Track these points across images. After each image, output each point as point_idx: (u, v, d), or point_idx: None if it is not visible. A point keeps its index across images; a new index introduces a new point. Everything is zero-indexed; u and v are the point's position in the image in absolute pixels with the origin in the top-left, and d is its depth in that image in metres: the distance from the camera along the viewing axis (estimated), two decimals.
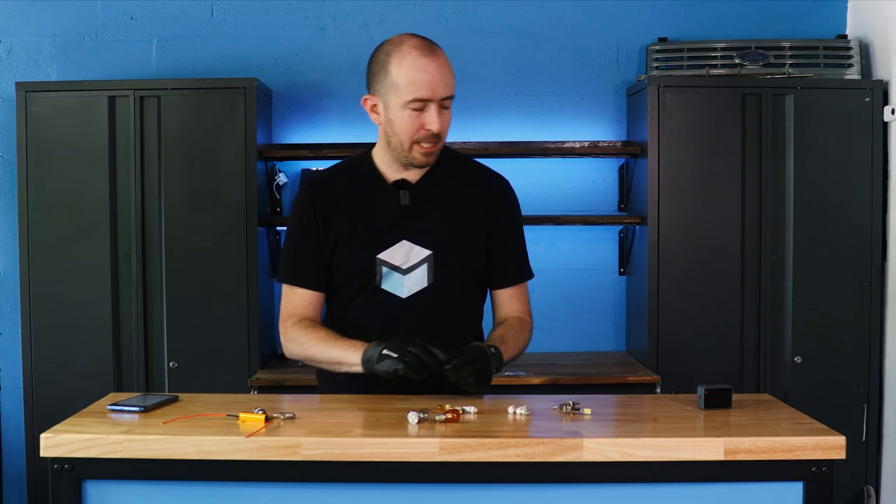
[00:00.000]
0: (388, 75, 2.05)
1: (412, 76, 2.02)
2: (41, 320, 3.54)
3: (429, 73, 2.02)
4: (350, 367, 2.04)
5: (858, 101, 3.55)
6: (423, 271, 2.12)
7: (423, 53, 2.03)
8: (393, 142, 2.11)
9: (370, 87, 2.12)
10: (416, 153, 2.09)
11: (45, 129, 3.52)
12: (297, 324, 2.16)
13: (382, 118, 2.11)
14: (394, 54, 2.05)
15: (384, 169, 2.18)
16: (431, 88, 2.03)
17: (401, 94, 2.04)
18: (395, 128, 2.08)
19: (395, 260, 2.12)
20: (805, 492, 1.69)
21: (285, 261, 2.22)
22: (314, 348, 2.11)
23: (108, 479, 1.70)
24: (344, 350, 2.06)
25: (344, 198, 2.16)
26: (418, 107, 2.04)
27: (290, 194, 3.88)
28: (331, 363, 2.09)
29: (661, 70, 3.73)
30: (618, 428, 1.82)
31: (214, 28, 3.90)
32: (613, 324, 3.97)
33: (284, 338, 2.18)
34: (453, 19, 3.92)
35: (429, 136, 2.07)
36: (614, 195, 3.94)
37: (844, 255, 3.57)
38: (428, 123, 2.05)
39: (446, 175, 2.19)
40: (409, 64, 2.02)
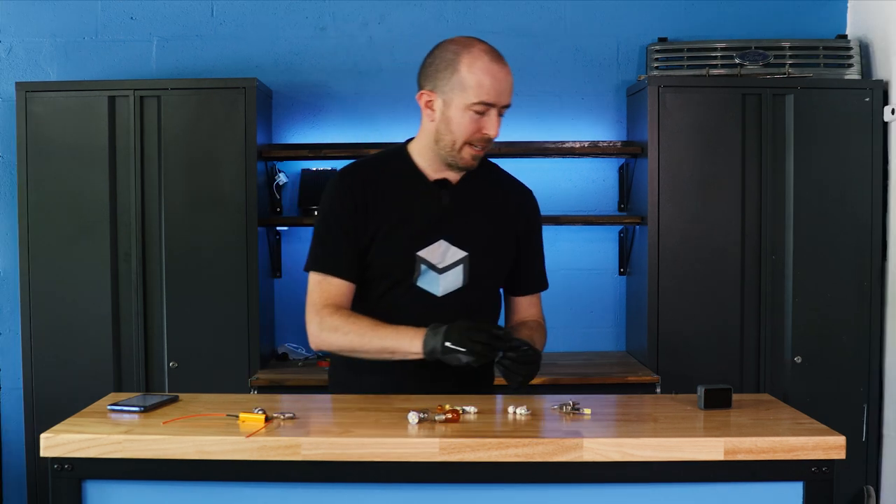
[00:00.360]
0: (455, 74, 2.05)
1: (482, 79, 2.04)
2: (41, 320, 3.54)
3: (498, 79, 2.05)
4: (406, 355, 2.01)
5: (858, 101, 3.55)
6: (459, 272, 2.14)
7: (493, 59, 2.06)
8: (444, 140, 2.10)
9: (428, 83, 2.10)
10: (466, 154, 2.10)
11: (45, 129, 3.52)
12: (336, 313, 2.09)
13: (438, 115, 2.10)
14: (464, 55, 2.05)
15: (424, 167, 2.17)
16: (497, 94, 2.05)
17: (467, 95, 2.05)
18: (452, 126, 2.08)
19: (433, 258, 2.13)
20: (805, 492, 1.69)
21: (321, 250, 2.14)
22: (361, 337, 2.05)
23: (108, 479, 1.70)
24: (398, 338, 2.02)
25: (385, 191, 2.14)
26: (481, 110, 2.06)
27: (291, 194, 3.89)
28: (381, 351, 2.04)
29: (661, 70, 3.73)
30: (618, 428, 1.81)
31: (214, 28, 3.90)
32: (613, 324, 3.97)
33: (321, 327, 2.09)
34: (453, 19, 3.92)
35: (484, 139, 2.09)
36: (614, 195, 3.94)
37: (844, 255, 3.57)
38: (486, 128, 2.07)
39: (482, 180, 2.21)
40: (480, 67, 2.04)
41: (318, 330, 2.10)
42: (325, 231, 2.14)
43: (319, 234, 2.15)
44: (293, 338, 3.95)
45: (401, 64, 3.92)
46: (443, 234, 2.13)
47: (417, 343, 1.99)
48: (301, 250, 3.91)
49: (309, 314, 2.12)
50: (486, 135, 2.08)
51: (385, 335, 2.03)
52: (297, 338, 3.95)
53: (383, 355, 2.05)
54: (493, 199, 2.22)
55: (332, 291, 2.11)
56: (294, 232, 3.93)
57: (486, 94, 2.04)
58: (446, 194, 2.16)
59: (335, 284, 2.11)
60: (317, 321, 2.09)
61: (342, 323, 2.07)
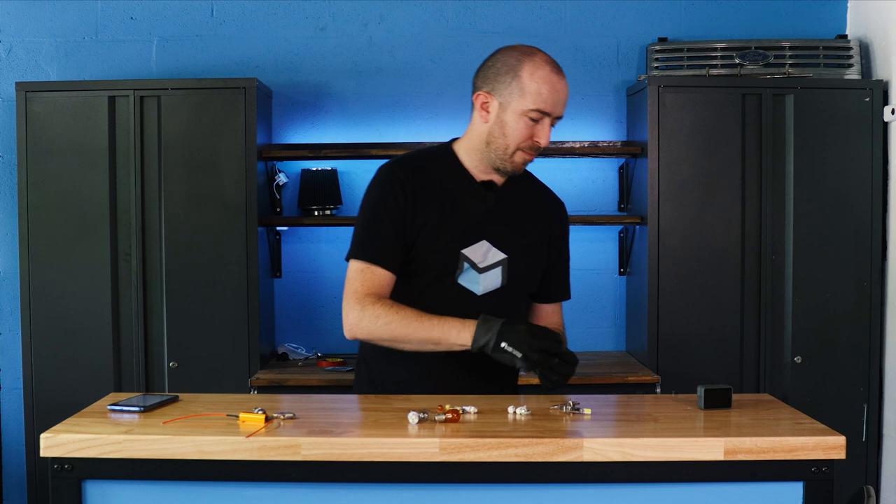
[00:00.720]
0: (516, 80, 2.09)
1: (541, 88, 2.07)
2: (41, 320, 3.54)
3: (556, 90, 2.09)
4: (451, 346, 2.01)
5: (858, 101, 3.55)
6: (498, 273, 2.17)
7: (553, 70, 2.10)
8: (496, 143, 2.13)
9: (486, 85, 2.13)
10: (518, 159, 2.13)
11: (45, 129, 3.52)
12: (378, 301, 2.07)
13: (493, 117, 2.13)
14: (527, 62, 2.09)
15: (470, 167, 2.19)
16: (554, 104, 2.09)
17: (526, 101, 2.08)
18: (506, 130, 2.11)
19: (475, 257, 2.15)
20: (805, 492, 1.69)
21: (366, 239, 2.12)
22: (406, 326, 2.03)
23: (108, 479, 1.70)
24: (445, 329, 2.01)
25: (433, 187, 2.15)
26: (536, 117, 2.09)
27: (291, 194, 3.89)
28: (424, 342, 2.03)
29: (661, 70, 3.73)
30: (618, 428, 1.81)
31: (214, 28, 3.90)
32: (613, 324, 3.97)
33: (362, 314, 2.06)
34: (453, 19, 3.92)
35: (534, 147, 2.12)
36: (614, 195, 3.94)
37: (844, 254, 3.57)
38: (538, 136, 2.11)
39: (522, 185, 2.26)
40: (541, 76, 2.08)
41: (358, 318, 2.06)
42: (372, 220, 2.13)
43: (366, 222, 2.14)
44: (293, 338, 3.95)
45: (401, 64, 3.92)
46: (485, 234, 2.16)
47: (466, 335, 1.99)
48: (301, 250, 3.94)
49: (349, 302, 2.08)
50: (537, 142, 2.11)
51: (431, 325, 2.02)
52: (297, 338, 3.95)
53: (426, 346, 2.04)
54: (531, 205, 2.26)
55: (374, 281, 2.09)
56: (294, 232, 3.93)
57: (543, 102, 2.08)
58: (491, 196, 2.19)
59: (378, 274, 2.10)
60: (358, 309, 2.06)
61: (385, 311, 2.05)
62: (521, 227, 2.22)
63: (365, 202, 2.18)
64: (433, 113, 3.93)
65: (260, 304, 3.56)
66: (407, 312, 2.04)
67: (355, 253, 2.13)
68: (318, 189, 3.78)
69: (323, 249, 3.95)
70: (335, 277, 3.95)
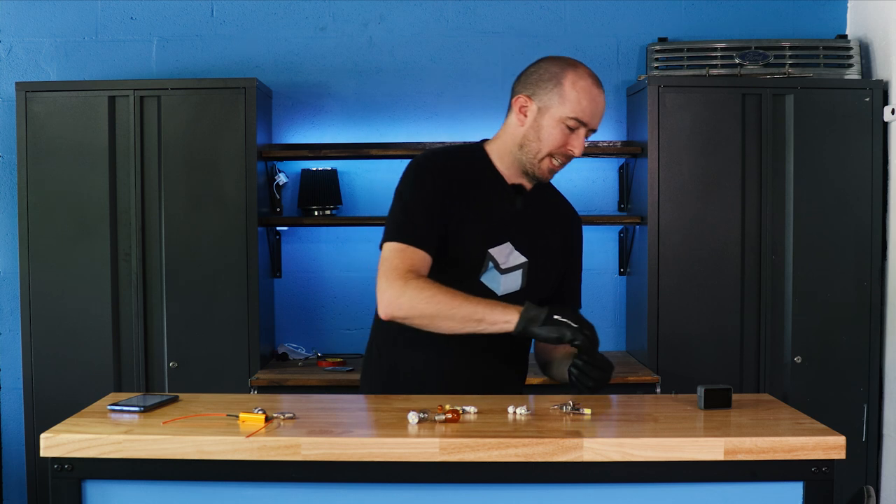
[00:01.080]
0: (559, 87, 2.13)
1: (582, 98, 2.12)
2: (41, 320, 3.54)
3: (596, 103, 2.14)
4: (494, 324, 2.00)
5: (858, 101, 3.55)
6: (518, 276, 2.19)
7: (595, 83, 2.15)
8: (529, 147, 2.16)
9: (527, 90, 2.17)
10: (546, 166, 2.17)
11: (45, 129, 3.52)
12: (421, 277, 2.06)
13: (530, 121, 2.16)
14: (570, 72, 2.14)
15: (502, 169, 2.22)
16: (591, 116, 2.14)
17: (565, 108, 2.12)
18: (542, 134, 2.14)
19: (499, 258, 2.17)
20: (805, 492, 1.69)
21: (405, 221, 2.11)
22: (450, 301, 2.01)
23: (108, 479, 1.70)
24: (490, 308, 2.01)
25: (466, 184, 2.16)
26: (573, 126, 2.12)
27: (291, 194, 3.89)
28: (467, 318, 2.01)
29: (661, 70, 3.73)
30: (618, 428, 1.81)
31: (214, 28, 3.90)
32: (613, 324, 3.97)
33: (404, 288, 2.02)
34: (453, 19, 3.92)
35: (566, 154, 2.16)
36: (614, 195, 3.94)
37: (844, 255, 3.57)
38: (572, 144, 2.14)
39: (545, 192, 2.29)
40: (583, 87, 2.12)
41: (398, 293, 2.03)
42: (411, 205, 2.12)
43: (404, 206, 2.13)
44: (293, 338, 3.95)
45: (401, 64, 3.92)
46: (510, 237, 2.18)
47: (512, 314, 1.98)
48: (301, 250, 3.94)
49: (389, 278, 2.05)
50: (570, 151, 2.15)
51: (476, 303, 2.02)
52: (297, 338, 3.95)
53: (467, 325, 2.02)
54: (553, 212, 2.30)
55: (414, 260, 2.08)
56: (294, 232, 3.93)
57: (582, 111, 2.12)
58: (520, 200, 2.22)
59: (418, 255, 2.09)
60: (400, 284, 2.03)
61: (429, 286, 2.04)
62: (542, 233, 2.24)
63: (400, 190, 2.16)
64: (433, 113, 3.93)
65: (260, 304, 3.56)
66: (450, 290, 2.04)
67: (392, 236, 2.11)
68: (318, 189, 3.78)
69: (323, 249, 3.95)
70: (335, 277, 3.95)
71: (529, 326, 1.96)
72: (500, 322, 1.99)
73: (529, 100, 2.16)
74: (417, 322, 2.04)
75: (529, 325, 1.96)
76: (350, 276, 3.94)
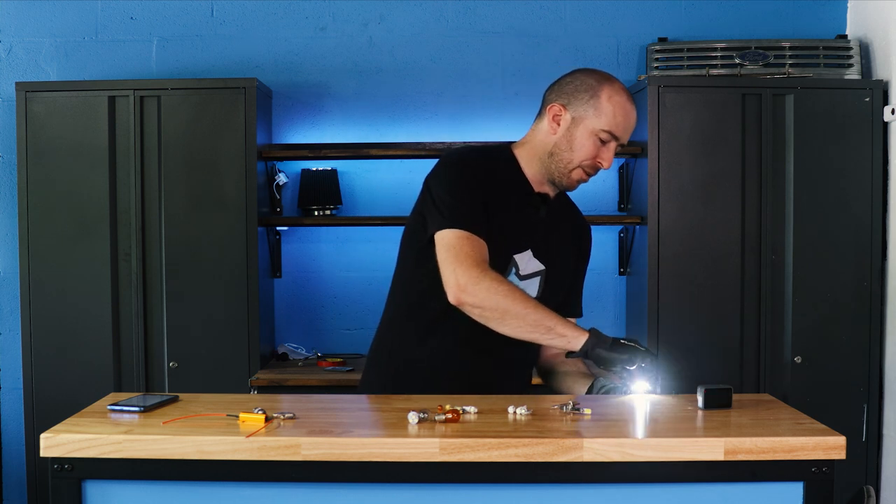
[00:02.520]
0: (595, 99, 2.14)
1: (617, 112, 2.13)
2: (41, 320, 3.55)
3: (630, 119, 2.16)
4: (562, 337, 2.00)
5: (858, 101, 3.55)
6: (535, 283, 2.21)
7: (630, 100, 2.17)
8: (560, 157, 2.16)
9: (562, 99, 2.17)
10: (575, 176, 2.18)
11: (45, 129, 3.52)
12: (495, 271, 2.05)
13: (562, 130, 2.16)
14: (607, 86, 2.15)
15: (529, 175, 2.22)
16: (625, 131, 2.16)
17: (600, 120, 2.13)
18: (574, 145, 2.15)
19: (520, 264, 2.18)
20: (805, 492, 1.69)
21: (462, 209, 2.08)
22: (525, 302, 2.01)
23: (108, 479, 1.70)
24: (561, 321, 2.01)
25: (498, 184, 2.17)
26: (605, 139, 2.14)
27: (291, 194, 3.89)
28: (538, 324, 2.00)
29: (661, 70, 3.73)
30: (618, 428, 1.81)
31: (214, 28, 3.90)
32: (613, 324, 3.97)
33: (482, 277, 2.00)
34: (453, 19, 3.92)
35: (595, 167, 2.17)
36: (614, 195, 3.94)
37: (844, 255, 3.57)
38: (602, 157, 2.15)
39: (564, 203, 2.31)
40: (619, 102, 2.14)
41: (476, 281, 2.00)
42: (461, 195, 2.10)
43: (455, 195, 2.10)
44: (293, 338, 3.95)
45: (401, 64, 3.92)
46: (531, 244, 2.19)
47: (582, 334, 1.99)
48: (301, 250, 3.94)
49: (464, 264, 2.02)
50: (599, 164, 2.16)
51: (549, 312, 2.02)
52: (297, 338, 3.95)
53: (536, 329, 2.01)
54: (570, 222, 2.32)
55: (483, 251, 2.06)
56: (294, 232, 3.93)
57: (615, 126, 2.13)
58: (545, 208, 2.23)
59: (484, 246, 2.07)
60: (477, 272, 2.01)
61: (505, 281, 2.03)
62: (560, 243, 2.26)
63: (445, 179, 2.13)
64: (433, 113, 3.93)
65: (260, 304, 3.56)
66: (523, 292, 2.05)
67: (453, 222, 2.06)
68: (318, 189, 3.78)
69: (323, 249, 3.95)
70: (335, 277, 3.95)
71: (596, 348, 1.98)
72: (569, 336, 2.00)
73: (564, 109, 2.16)
74: (488, 314, 2.02)
75: (597, 347, 1.98)
76: (350, 276, 3.94)
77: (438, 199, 2.10)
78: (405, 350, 2.23)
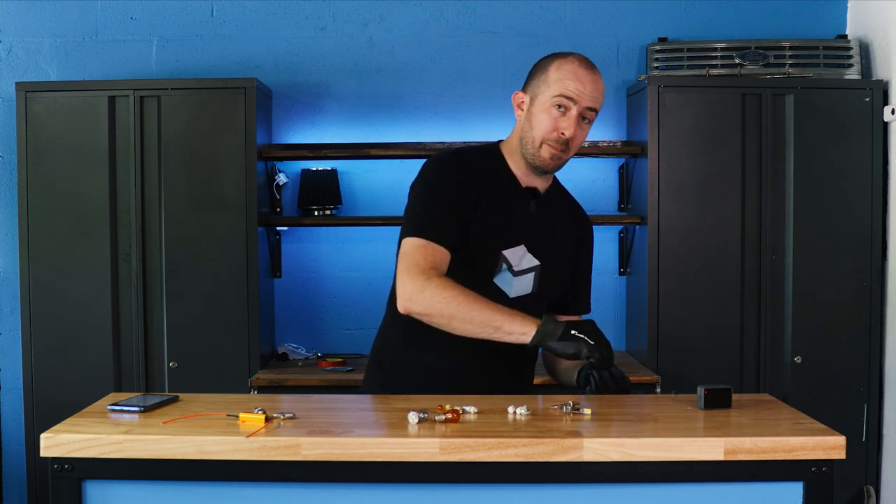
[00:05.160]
0: (544, 73, 2.16)
1: (566, 76, 2.12)
2: (41, 320, 3.54)
3: (582, 81, 2.12)
4: (510, 334, 1.99)
5: (858, 101, 3.55)
6: (530, 279, 2.20)
7: (582, 64, 2.14)
8: (526, 137, 2.16)
9: (525, 87, 2.20)
10: (545, 153, 2.15)
11: (45, 129, 3.52)
12: (442, 276, 2.05)
13: (525, 113, 2.18)
14: (558, 59, 2.16)
15: (516, 171, 2.22)
16: (578, 93, 2.11)
17: (550, 90, 2.13)
18: (534, 122, 2.15)
19: (512, 260, 2.17)
20: (805, 492, 1.69)
21: (427, 217, 2.10)
22: (470, 305, 2.00)
23: (108, 479, 1.70)
24: (509, 317, 2.00)
25: (483, 183, 2.17)
26: (561, 103, 2.11)
27: (291, 194, 3.89)
28: (485, 324, 2.01)
29: (661, 70, 3.73)
30: (618, 428, 1.81)
31: (214, 28, 3.90)
32: (613, 324, 3.97)
33: (426, 285, 2.02)
34: (453, 19, 3.92)
35: (560, 139, 2.13)
36: (614, 195, 3.94)
37: (844, 255, 3.57)
38: (563, 127, 2.12)
39: (559, 197, 2.31)
40: (567, 69, 2.13)
41: (420, 289, 2.02)
42: (431, 200, 2.11)
43: (424, 202, 2.12)
44: (293, 338, 3.95)
45: (401, 64, 3.92)
46: (524, 239, 2.18)
47: (530, 326, 1.98)
48: (301, 250, 3.94)
49: (410, 273, 2.04)
50: (561, 134, 2.12)
51: (495, 310, 2.01)
52: (297, 338, 3.95)
53: (484, 330, 2.01)
54: (565, 216, 2.31)
55: (436, 257, 2.07)
56: (294, 232, 3.93)
57: (565, 89, 2.11)
58: (534, 203, 2.22)
59: (439, 252, 2.08)
60: (422, 280, 2.02)
61: (451, 286, 2.03)
62: (555, 237, 2.25)
63: (419, 186, 2.16)
64: (433, 113, 3.93)
65: (260, 304, 3.56)
66: (471, 293, 2.03)
67: (413, 231, 2.09)
68: (318, 189, 3.78)
69: (323, 249, 3.95)
70: (335, 277, 3.95)
71: (545, 340, 1.96)
72: (516, 332, 1.99)
73: (524, 94, 2.19)
74: (435, 320, 2.04)
75: (545, 339, 1.96)
76: (350, 276, 3.94)
77: (410, 208, 2.14)
78: (405, 350, 2.23)
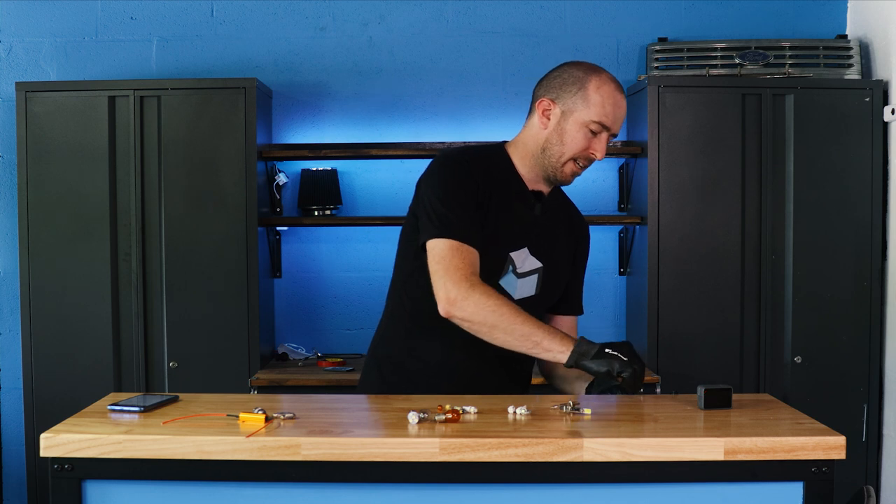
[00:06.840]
0: (582, 91, 2.14)
1: (606, 102, 2.13)
2: (41, 320, 3.54)
3: (619, 108, 2.15)
4: (548, 351, 2.00)
5: (858, 101, 3.55)
6: (533, 281, 2.21)
7: (618, 89, 2.17)
8: (552, 150, 2.16)
9: (550, 94, 2.17)
10: (568, 170, 2.18)
11: (45, 129, 3.52)
12: (485, 284, 2.04)
13: (553, 124, 2.16)
14: (594, 77, 2.16)
15: (523, 173, 2.22)
16: (614, 120, 2.14)
17: (589, 112, 2.13)
18: (565, 138, 2.15)
19: (517, 262, 2.18)
20: (805, 492, 1.69)
21: (453, 218, 2.07)
22: (513, 317, 2.01)
23: (108, 479, 1.70)
24: (548, 334, 2.01)
25: (492, 184, 2.16)
26: (596, 129, 2.13)
27: (291, 194, 3.89)
28: (525, 337, 2.01)
29: (661, 70, 3.73)
30: (618, 428, 1.81)
31: (214, 28, 3.90)
32: (613, 324, 3.97)
33: (470, 292, 2.01)
34: (453, 19, 3.92)
35: (588, 158, 2.17)
36: (614, 195, 3.94)
37: (844, 254, 3.57)
38: (594, 148, 2.15)
39: (559, 200, 2.32)
40: (607, 92, 2.14)
41: (465, 295, 2.01)
42: (453, 200, 2.09)
43: (445, 201, 2.08)
44: (293, 338, 3.95)
45: (401, 64, 3.92)
46: (528, 242, 2.19)
47: (566, 345, 1.99)
48: (301, 250, 3.94)
49: (452, 278, 2.02)
50: (592, 154, 2.15)
51: (536, 325, 2.02)
52: (297, 338, 3.95)
53: (522, 343, 2.02)
54: (565, 220, 2.32)
55: (472, 260, 2.05)
56: (294, 232, 3.93)
57: (605, 116, 2.13)
58: (539, 206, 2.23)
59: (473, 254, 2.06)
60: (466, 286, 2.01)
61: (494, 295, 2.02)
62: (556, 240, 2.26)
63: (437, 185, 2.12)
64: (433, 113, 3.93)
65: (260, 304, 3.56)
66: (513, 304, 2.05)
67: (440, 231, 2.06)
68: (318, 189, 3.78)
69: (323, 249, 3.95)
70: (335, 277, 3.95)
71: (581, 360, 1.98)
72: (554, 350, 2.00)
73: (553, 103, 2.16)
74: (476, 328, 2.04)
75: (581, 359, 1.98)
76: (350, 276, 3.94)
77: (430, 207, 2.10)
78: (404, 350, 2.23)
